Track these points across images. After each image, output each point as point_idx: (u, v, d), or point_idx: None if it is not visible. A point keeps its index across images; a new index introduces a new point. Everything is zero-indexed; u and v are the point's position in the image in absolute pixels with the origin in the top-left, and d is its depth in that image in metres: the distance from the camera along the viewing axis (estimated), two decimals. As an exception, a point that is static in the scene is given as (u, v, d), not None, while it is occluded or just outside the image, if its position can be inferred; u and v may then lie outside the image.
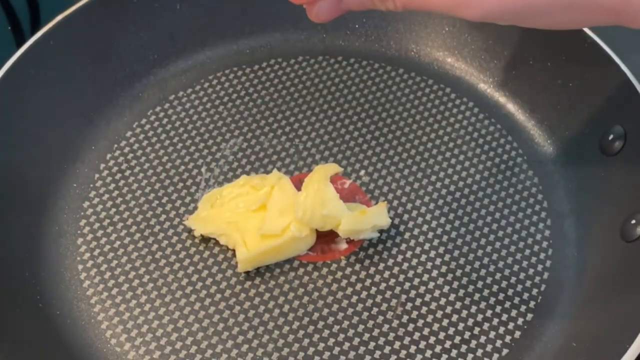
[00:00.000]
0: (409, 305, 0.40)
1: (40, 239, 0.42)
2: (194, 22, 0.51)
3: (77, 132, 0.46)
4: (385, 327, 0.39)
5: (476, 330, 0.39)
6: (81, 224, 0.43)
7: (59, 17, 0.46)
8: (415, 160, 0.46)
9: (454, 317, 0.40)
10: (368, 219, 0.41)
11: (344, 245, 0.42)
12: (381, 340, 0.39)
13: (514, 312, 0.40)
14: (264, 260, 0.41)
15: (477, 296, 0.40)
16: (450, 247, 0.42)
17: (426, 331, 0.39)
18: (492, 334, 0.39)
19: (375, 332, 0.39)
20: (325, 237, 0.42)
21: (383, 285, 0.41)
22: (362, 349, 0.39)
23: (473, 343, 0.39)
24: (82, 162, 0.46)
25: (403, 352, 0.38)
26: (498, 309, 0.40)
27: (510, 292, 0.41)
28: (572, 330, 0.39)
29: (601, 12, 0.29)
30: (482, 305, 0.40)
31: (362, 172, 0.45)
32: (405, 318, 0.40)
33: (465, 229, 0.43)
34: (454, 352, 0.38)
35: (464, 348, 0.39)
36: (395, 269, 0.41)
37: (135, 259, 0.42)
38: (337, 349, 0.38)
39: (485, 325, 0.39)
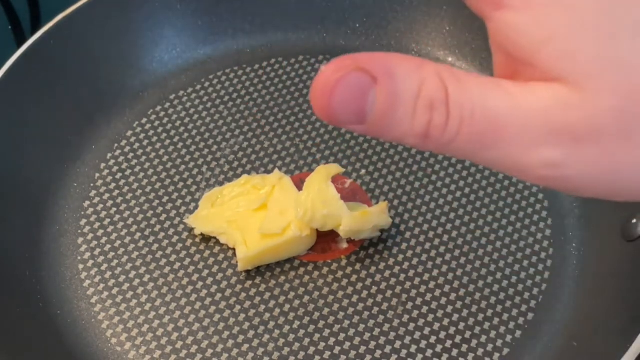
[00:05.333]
0: (409, 305, 0.40)
1: (41, 239, 0.42)
2: (194, 21, 0.51)
3: (78, 132, 0.46)
4: (386, 327, 0.39)
5: (477, 329, 0.39)
6: (82, 224, 0.43)
7: (59, 17, 0.46)
8: (416, 160, 0.46)
9: (455, 317, 0.40)
10: (369, 218, 0.41)
11: (344, 245, 0.42)
12: (382, 340, 0.39)
13: (514, 312, 0.40)
14: (264, 260, 0.41)
15: (477, 295, 0.40)
16: (451, 246, 0.42)
17: (427, 330, 0.39)
18: (492, 333, 0.39)
19: (376, 331, 0.39)
20: (326, 237, 0.42)
21: (384, 285, 0.41)
22: (362, 348, 0.38)
23: (474, 342, 0.39)
24: (83, 161, 0.46)
25: (404, 352, 0.38)
26: (499, 308, 0.40)
27: (511, 291, 0.40)
28: (572, 329, 0.39)
29: None
30: (483, 304, 0.40)
31: (363, 172, 0.45)
32: (406, 317, 0.39)
33: (466, 228, 0.43)
34: (454, 352, 0.38)
35: (464, 347, 0.38)
36: (396, 269, 0.41)
37: (135, 258, 0.42)
38: (337, 349, 0.38)
39: (486, 325, 0.39)
